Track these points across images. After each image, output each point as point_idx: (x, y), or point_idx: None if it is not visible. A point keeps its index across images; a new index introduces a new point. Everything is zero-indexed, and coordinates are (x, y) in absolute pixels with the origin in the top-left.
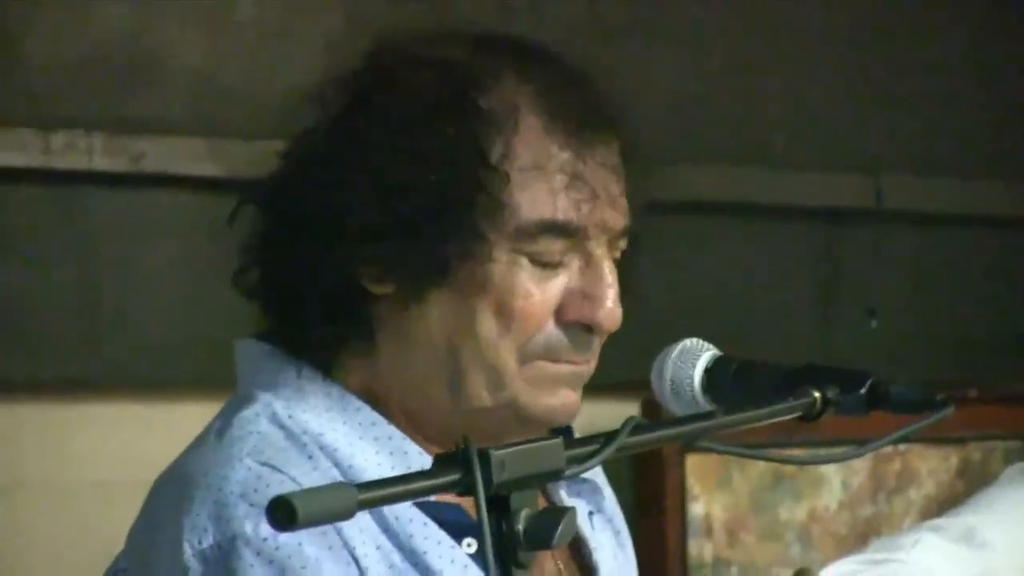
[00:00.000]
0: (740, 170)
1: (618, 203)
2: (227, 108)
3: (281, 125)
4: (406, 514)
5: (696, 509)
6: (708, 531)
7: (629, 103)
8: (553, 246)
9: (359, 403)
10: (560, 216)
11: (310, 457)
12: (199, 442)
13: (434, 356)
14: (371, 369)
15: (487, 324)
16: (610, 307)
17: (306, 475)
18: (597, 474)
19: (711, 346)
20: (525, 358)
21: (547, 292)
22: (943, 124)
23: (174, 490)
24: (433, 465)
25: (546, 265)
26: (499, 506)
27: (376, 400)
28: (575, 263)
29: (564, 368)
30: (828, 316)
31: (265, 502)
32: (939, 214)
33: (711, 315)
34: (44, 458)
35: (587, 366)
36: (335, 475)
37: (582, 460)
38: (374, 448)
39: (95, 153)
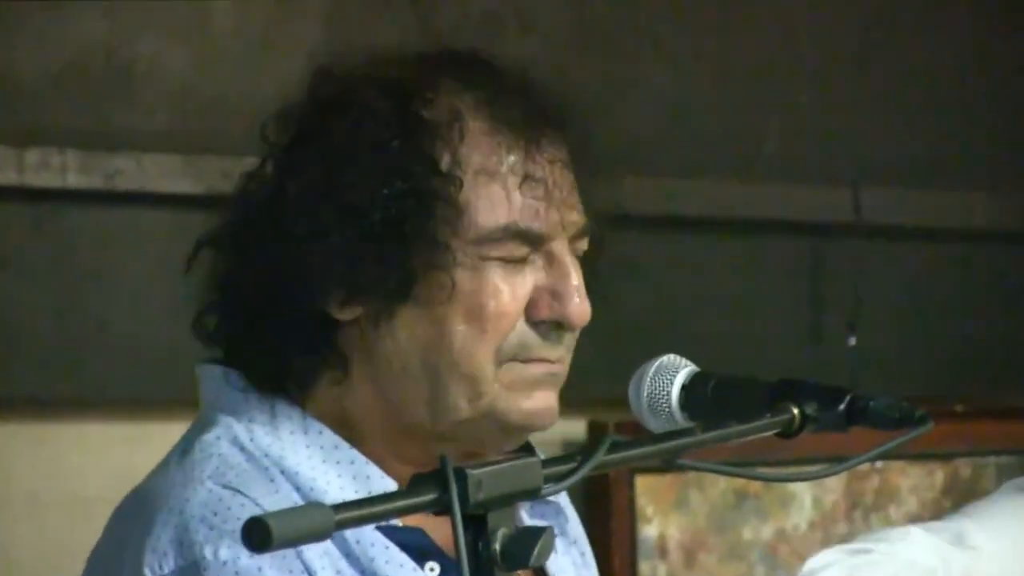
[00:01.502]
0: (722, 184)
1: (572, 199)
2: (205, 122)
3: (260, 140)
4: (368, 538)
5: (649, 530)
6: (662, 552)
7: (614, 115)
8: (516, 249)
9: (321, 427)
10: (519, 221)
11: (271, 480)
12: (162, 466)
13: (410, 374)
14: (346, 396)
15: (459, 331)
16: (578, 302)
17: (267, 497)
18: (561, 496)
19: (689, 362)
20: (500, 360)
21: (517, 289)
22: (924, 137)
23: (135, 513)
24: (410, 484)
25: (512, 263)
26: (475, 525)
27: (349, 426)
28: (539, 261)
29: (539, 368)
30: (811, 330)
31: (226, 525)
32: (921, 227)
33: (692, 330)
34: (28, 475)
35: (561, 365)
36: (296, 499)
37: (560, 479)
38: (336, 471)
39: (69, 171)
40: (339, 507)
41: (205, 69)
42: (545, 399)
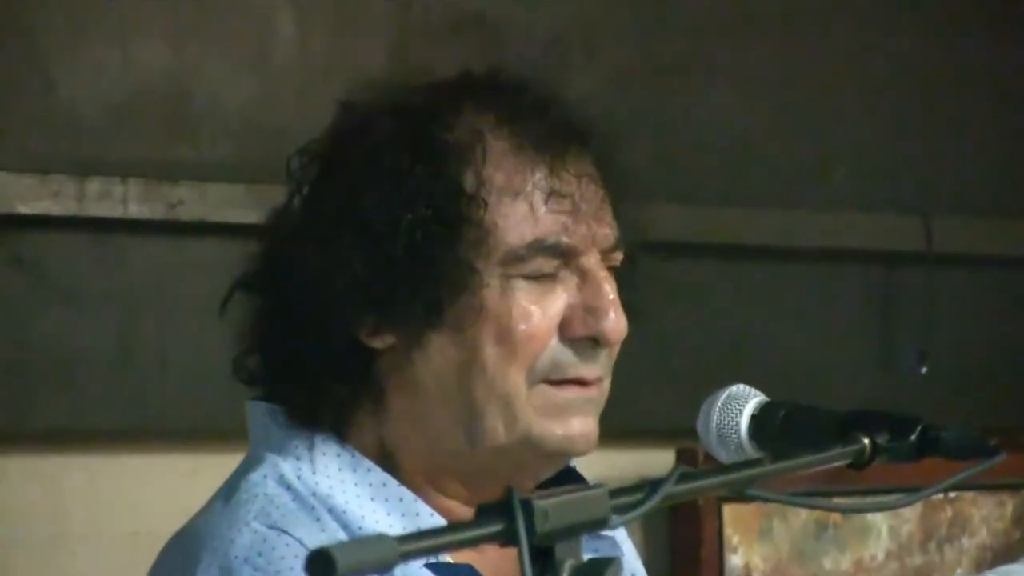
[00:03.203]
0: (791, 213)
1: (602, 212)
2: (267, 151)
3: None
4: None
5: (735, 560)
6: None
7: (680, 144)
8: (545, 265)
9: (370, 464)
10: (546, 236)
11: (318, 519)
12: (208, 506)
13: (445, 400)
14: (384, 427)
15: (491, 353)
16: (613, 317)
17: (313, 536)
18: (618, 529)
19: (758, 392)
20: (533, 381)
21: (548, 310)
22: (995, 164)
23: (181, 553)
24: (476, 515)
25: (541, 279)
26: (542, 558)
27: (390, 460)
28: (571, 279)
29: (571, 393)
30: (882, 359)
31: (271, 566)
32: (992, 255)
33: (761, 360)
34: (88, 508)
35: (598, 387)
36: (342, 537)
37: (627, 509)
38: (385, 509)
39: (130, 201)
40: (403, 539)
41: (267, 99)
42: (582, 425)
